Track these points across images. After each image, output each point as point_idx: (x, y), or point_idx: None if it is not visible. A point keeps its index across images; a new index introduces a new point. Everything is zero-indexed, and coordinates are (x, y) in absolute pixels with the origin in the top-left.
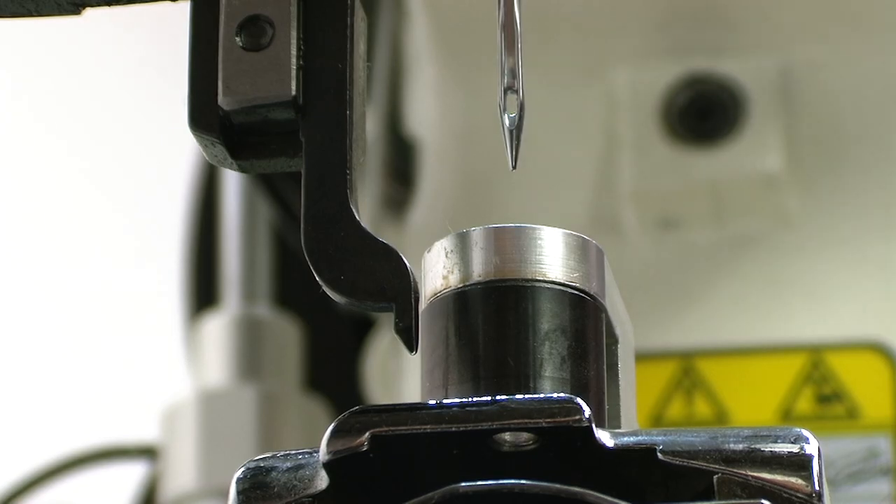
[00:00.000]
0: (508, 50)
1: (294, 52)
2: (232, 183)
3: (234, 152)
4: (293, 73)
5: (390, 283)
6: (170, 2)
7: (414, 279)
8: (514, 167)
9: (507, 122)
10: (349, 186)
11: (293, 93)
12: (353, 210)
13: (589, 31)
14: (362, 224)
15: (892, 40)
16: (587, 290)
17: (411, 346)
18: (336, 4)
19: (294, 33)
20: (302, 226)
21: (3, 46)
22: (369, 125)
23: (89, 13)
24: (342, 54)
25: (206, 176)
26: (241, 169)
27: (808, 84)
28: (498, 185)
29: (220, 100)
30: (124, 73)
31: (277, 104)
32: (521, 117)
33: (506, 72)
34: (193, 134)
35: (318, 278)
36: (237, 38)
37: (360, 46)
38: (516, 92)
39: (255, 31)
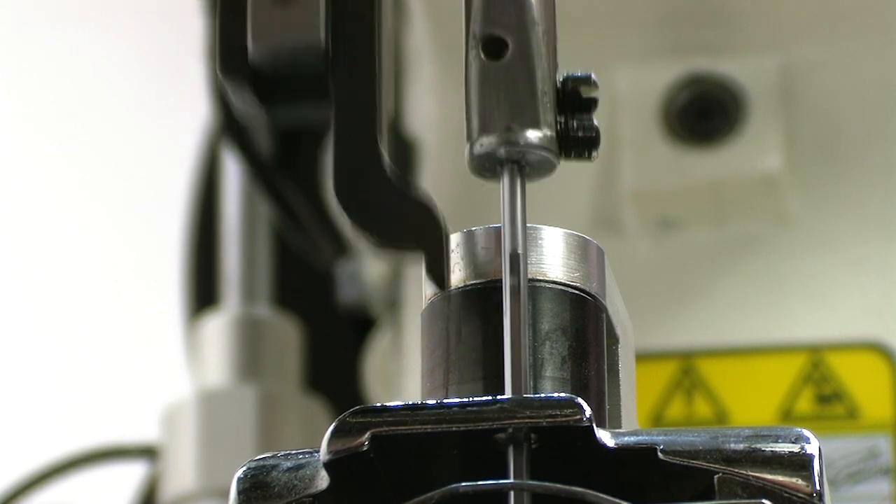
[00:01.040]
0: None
1: (322, 1)
2: (232, 183)
3: (262, 98)
4: (321, 20)
5: (421, 229)
6: None
7: (445, 225)
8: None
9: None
10: (379, 133)
11: (322, 41)
12: (383, 156)
13: (589, 31)
14: (392, 171)
15: (892, 40)
16: (587, 289)
17: (442, 285)
18: None
19: None
20: (333, 174)
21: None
22: None
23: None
24: (369, 4)
25: (206, 176)
26: (268, 115)
27: (808, 84)
28: (498, 186)
29: (250, 46)
30: (124, 72)
31: (306, 51)
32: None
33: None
34: (223, 79)
35: (351, 224)
36: None
37: None
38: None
39: None
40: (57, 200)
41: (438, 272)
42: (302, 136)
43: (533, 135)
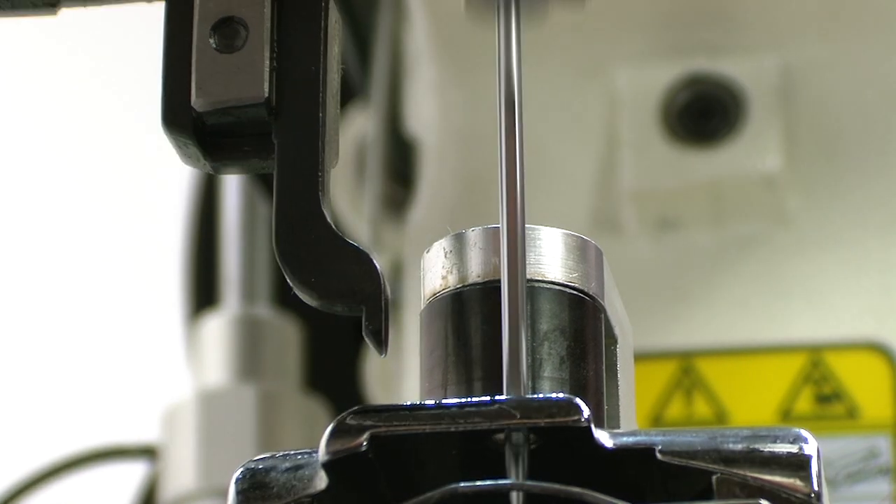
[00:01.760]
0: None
1: (267, 53)
2: (232, 183)
3: (207, 153)
4: (266, 74)
5: (361, 285)
6: (145, 2)
7: (384, 282)
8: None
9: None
10: (321, 189)
11: (266, 94)
12: (325, 212)
13: (589, 31)
14: (333, 227)
15: (892, 40)
16: (586, 290)
17: (380, 348)
18: (310, 6)
19: (267, 35)
20: (273, 227)
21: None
22: (369, 125)
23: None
24: (315, 56)
25: (206, 176)
26: (214, 170)
27: (808, 84)
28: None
29: (194, 101)
30: (124, 72)
31: (250, 105)
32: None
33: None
34: (167, 134)
35: (289, 280)
36: (210, 40)
37: (334, 49)
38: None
39: (228, 32)
40: (57, 201)
41: (377, 330)
42: None
43: None
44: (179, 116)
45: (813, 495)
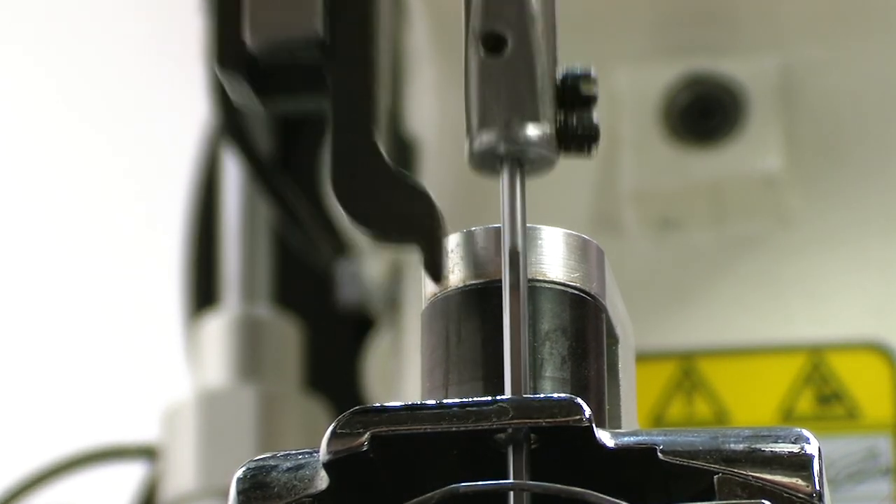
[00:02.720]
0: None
1: None
2: (232, 183)
3: (259, 90)
4: (318, 11)
5: (417, 218)
6: None
7: (441, 215)
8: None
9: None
10: (375, 124)
11: (319, 31)
12: (380, 146)
13: (589, 31)
14: (388, 160)
15: (892, 40)
16: (587, 290)
17: (438, 278)
18: None
19: None
20: (330, 164)
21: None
22: None
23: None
24: None
25: (206, 176)
26: (265, 107)
27: (808, 84)
28: (498, 186)
29: (246, 38)
30: (124, 72)
31: (303, 43)
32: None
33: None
34: (219, 72)
35: (345, 213)
36: None
37: None
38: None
39: None
40: (57, 200)
41: (435, 265)
42: (302, 136)
43: (533, 130)
44: (232, 54)
45: (814, 495)
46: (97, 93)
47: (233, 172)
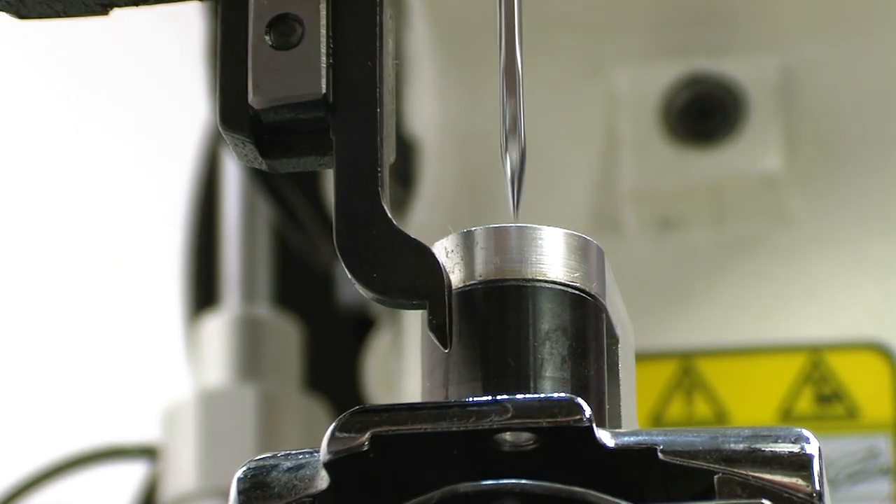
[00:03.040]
0: (510, 92)
1: (324, 50)
2: (232, 183)
3: (263, 151)
4: (323, 71)
5: (423, 280)
6: (197, 0)
7: (447, 276)
8: (517, 215)
9: (509, 169)
10: (380, 184)
11: (323, 91)
12: (385, 208)
13: (589, 31)
14: (394, 222)
15: (892, 40)
16: (588, 290)
17: (445, 343)
18: (365, 2)
19: (323, 31)
20: (334, 225)
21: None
22: None
23: (116, 14)
24: (371, 52)
25: (206, 176)
26: (271, 168)
27: (808, 84)
28: (498, 185)
29: (251, 99)
30: (124, 72)
31: (307, 103)
32: (522, 164)
33: (507, 116)
34: (224, 134)
35: (350, 276)
36: (266, 37)
37: (389, 44)
38: (518, 137)
39: (284, 29)
40: (57, 200)
41: (441, 325)
42: None
43: None
44: (237, 115)
45: (815, 495)
46: (97, 93)
47: (233, 172)
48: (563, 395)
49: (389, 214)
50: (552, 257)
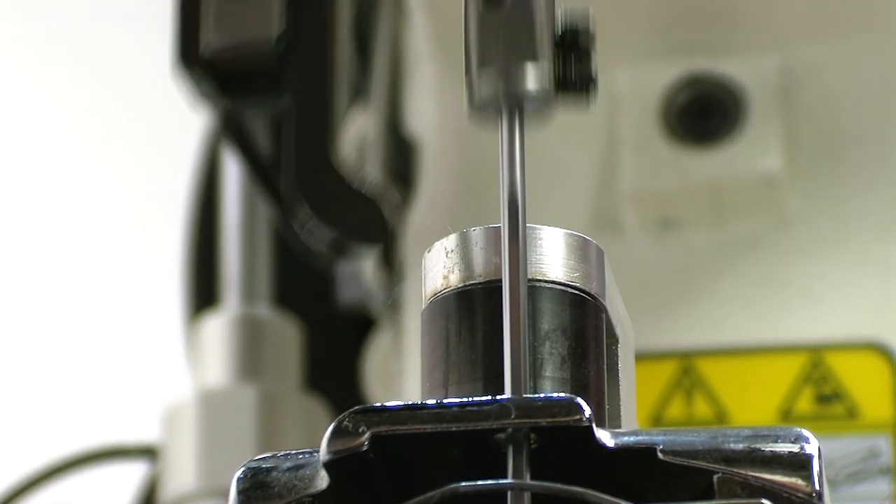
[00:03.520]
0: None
1: None
2: (232, 183)
3: (221, 89)
4: (276, 14)
5: (369, 219)
6: None
7: (390, 217)
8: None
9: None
10: (330, 128)
11: (277, 34)
12: (334, 150)
13: None
14: (338, 171)
15: (892, 40)
16: (587, 289)
17: (391, 271)
18: None
19: None
20: (284, 164)
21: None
22: (369, 125)
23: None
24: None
25: (206, 176)
26: (231, 107)
27: (808, 84)
28: (498, 185)
29: (208, 40)
30: (124, 72)
31: (263, 45)
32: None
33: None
34: (181, 71)
35: (309, 211)
36: None
37: None
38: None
39: None
40: (57, 201)
41: (389, 260)
42: None
43: (531, 71)
44: (194, 55)
45: (814, 495)
46: (97, 93)
47: (233, 172)
48: (562, 394)
49: (337, 156)
50: (552, 257)
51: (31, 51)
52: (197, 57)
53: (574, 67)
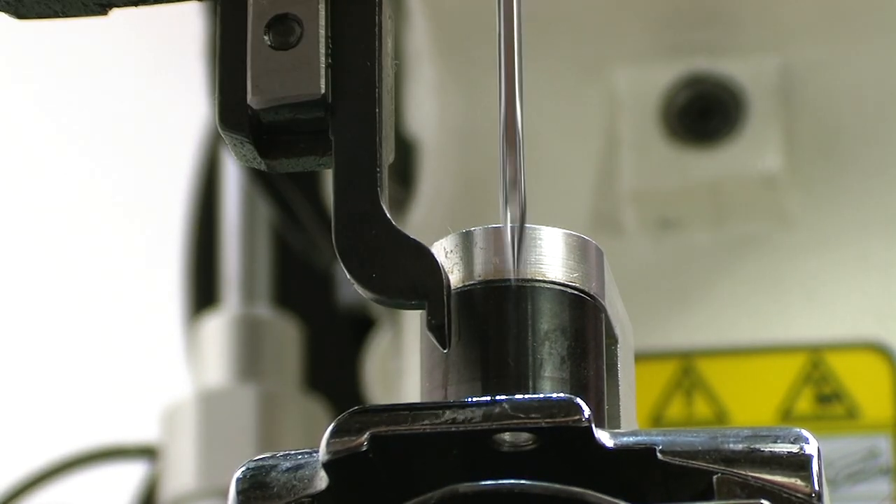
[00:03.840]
0: (510, 147)
1: (322, 50)
2: (232, 183)
3: (262, 152)
4: (322, 71)
5: (422, 280)
6: (196, 1)
7: (447, 276)
8: (516, 278)
9: (509, 230)
10: (379, 184)
11: (322, 91)
12: (384, 207)
13: (589, 31)
14: (393, 222)
15: (893, 40)
16: (587, 290)
17: (444, 343)
18: (364, 2)
19: (322, 31)
20: (333, 225)
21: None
22: None
23: (115, 14)
24: (370, 52)
25: (206, 176)
26: (270, 168)
27: (808, 84)
28: (498, 186)
29: (250, 99)
30: (124, 72)
31: (306, 103)
32: (522, 225)
33: (507, 171)
34: (223, 134)
35: (349, 276)
36: (265, 37)
37: (388, 44)
38: (519, 193)
39: (283, 29)
40: (57, 201)
41: (440, 325)
42: None
43: None
44: (236, 115)
45: (814, 495)
46: (97, 93)
47: (233, 172)
48: (562, 395)
49: (388, 215)
50: (551, 257)
51: (30, 51)
52: (240, 118)
53: None
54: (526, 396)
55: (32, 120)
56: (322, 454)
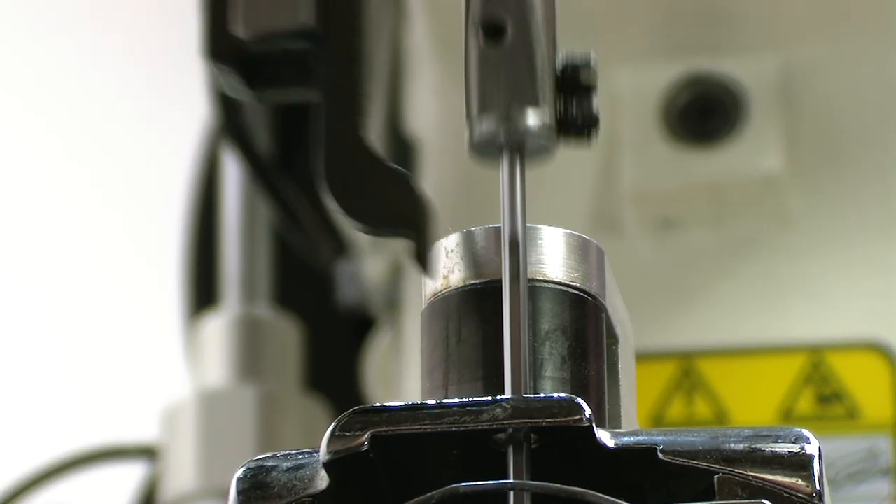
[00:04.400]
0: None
1: None
2: (232, 183)
3: (250, 82)
4: (309, 2)
5: (405, 209)
6: None
7: (430, 205)
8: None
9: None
10: (364, 115)
11: (309, 22)
12: (368, 137)
13: (589, 31)
14: (377, 152)
15: (893, 40)
16: (587, 289)
17: (426, 269)
18: None
19: None
20: (320, 156)
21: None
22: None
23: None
24: None
25: (205, 176)
26: (256, 98)
27: (808, 84)
28: (498, 185)
29: (236, 29)
30: (124, 72)
31: (293, 34)
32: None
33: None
34: (209, 63)
35: (336, 205)
36: None
37: None
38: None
39: None
40: (56, 200)
41: (423, 257)
42: (302, 135)
43: (532, 116)
44: (222, 45)
45: (815, 495)
46: (97, 93)
47: (233, 172)
48: (562, 395)
49: (372, 144)
50: (552, 257)
51: (30, 50)
52: (227, 49)
53: (576, 108)
54: (527, 396)
55: (32, 120)
56: (322, 454)
